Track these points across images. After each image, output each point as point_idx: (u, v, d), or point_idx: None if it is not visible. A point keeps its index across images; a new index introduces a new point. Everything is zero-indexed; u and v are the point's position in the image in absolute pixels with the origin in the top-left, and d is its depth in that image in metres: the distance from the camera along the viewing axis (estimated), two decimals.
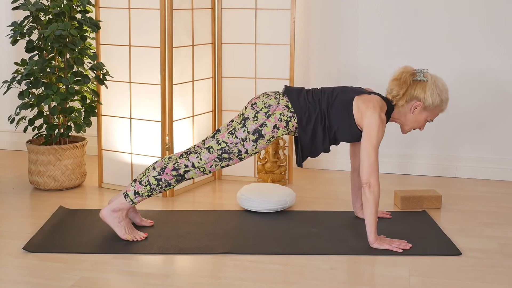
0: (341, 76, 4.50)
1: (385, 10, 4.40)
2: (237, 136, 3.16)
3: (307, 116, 3.19)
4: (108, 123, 4.09)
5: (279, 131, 3.18)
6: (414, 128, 3.30)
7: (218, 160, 3.18)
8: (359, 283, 2.82)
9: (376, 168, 3.11)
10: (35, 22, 3.97)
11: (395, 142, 4.42)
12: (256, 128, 3.16)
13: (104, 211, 3.21)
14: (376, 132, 3.11)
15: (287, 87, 3.28)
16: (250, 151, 3.18)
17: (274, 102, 3.20)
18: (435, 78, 3.22)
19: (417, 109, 3.22)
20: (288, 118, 3.18)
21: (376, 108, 3.14)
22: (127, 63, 3.98)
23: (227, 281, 2.82)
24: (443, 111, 3.29)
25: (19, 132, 4.87)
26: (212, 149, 3.17)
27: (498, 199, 3.98)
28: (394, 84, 3.22)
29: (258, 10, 4.16)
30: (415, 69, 3.24)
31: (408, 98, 3.20)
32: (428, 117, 3.26)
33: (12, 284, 2.79)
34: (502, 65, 4.30)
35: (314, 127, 3.19)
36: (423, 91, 3.18)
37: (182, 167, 3.18)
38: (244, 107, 3.27)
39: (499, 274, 2.91)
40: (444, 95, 3.22)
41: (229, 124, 3.32)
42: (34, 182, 4.03)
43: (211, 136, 3.33)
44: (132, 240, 3.20)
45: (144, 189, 3.19)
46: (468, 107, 4.37)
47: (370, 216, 3.12)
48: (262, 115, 3.17)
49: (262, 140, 3.17)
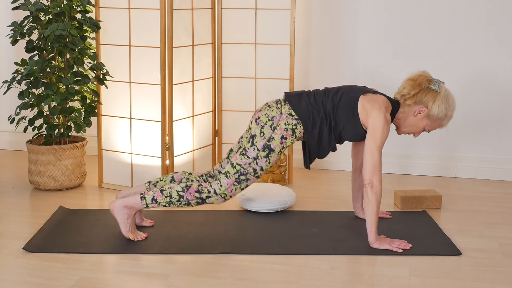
0: (341, 76, 4.50)
1: (385, 10, 4.40)
2: (249, 156, 3.17)
3: (312, 119, 3.19)
4: (108, 123, 4.09)
5: (287, 140, 3.19)
6: (410, 132, 3.31)
7: (236, 184, 3.19)
8: (359, 283, 2.82)
9: (379, 168, 3.11)
10: (35, 22, 3.97)
11: (395, 142, 4.42)
12: (265, 143, 3.17)
13: (116, 204, 3.21)
14: (380, 132, 3.11)
15: (287, 94, 3.28)
16: (264, 167, 3.20)
17: (276, 113, 3.20)
18: (448, 93, 3.24)
19: (421, 114, 3.22)
20: (294, 126, 3.19)
21: (382, 108, 3.14)
22: (127, 63, 3.98)
23: (227, 281, 2.82)
24: (442, 127, 3.31)
25: (19, 132, 4.87)
26: (229, 173, 3.19)
27: (498, 199, 3.98)
28: (409, 83, 3.23)
29: (258, 10, 4.16)
30: (432, 77, 3.26)
31: (417, 100, 3.21)
32: (427, 126, 3.27)
33: (12, 284, 2.79)
34: (503, 65, 4.30)
35: (320, 129, 3.20)
36: (433, 100, 3.19)
37: (205, 192, 3.18)
38: (250, 121, 3.28)
39: (499, 274, 2.91)
40: (450, 112, 3.24)
41: (239, 141, 3.33)
42: (34, 182, 4.04)
43: (225, 158, 3.36)
44: (133, 240, 3.21)
45: (163, 199, 3.18)
46: (468, 107, 4.37)
47: (371, 216, 3.12)
48: (267, 129, 3.18)
49: (273, 154, 3.18)
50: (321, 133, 3.21)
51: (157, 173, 3.95)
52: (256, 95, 4.23)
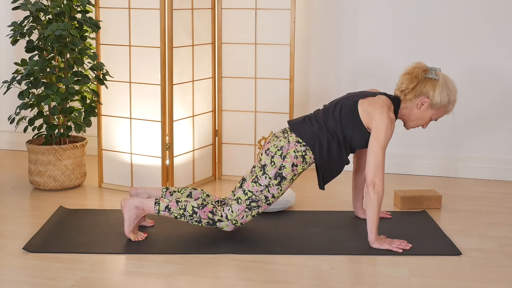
0: (341, 76, 4.50)
1: (385, 10, 4.39)
2: (261, 184, 3.18)
3: (319, 142, 3.19)
4: (108, 123, 4.09)
5: (298, 167, 3.19)
6: (417, 125, 3.29)
7: (248, 210, 3.19)
8: (359, 283, 2.82)
9: (382, 168, 3.11)
10: (35, 22, 3.97)
11: (396, 142, 4.41)
12: (276, 172, 3.18)
13: (128, 202, 3.20)
14: (384, 132, 3.11)
15: (290, 122, 3.28)
16: (276, 194, 3.20)
17: (284, 142, 3.20)
18: (447, 78, 3.22)
19: (424, 105, 3.21)
20: (303, 153, 3.19)
21: (384, 107, 3.14)
22: (127, 63, 3.98)
23: (227, 281, 2.82)
24: (448, 113, 3.28)
25: (19, 132, 4.87)
26: (240, 199, 3.19)
27: (498, 199, 3.98)
28: (406, 78, 3.22)
29: (258, 10, 4.16)
30: (428, 66, 3.24)
31: (417, 93, 3.19)
32: (433, 116, 3.25)
33: (12, 284, 2.79)
34: (503, 65, 4.30)
35: (329, 148, 3.19)
36: (432, 89, 3.18)
37: (218, 215, 3.19)
38: (260, 153, 3.29)
39: (499, 274, 2.91)
40: (453, 97, 3.22)
41: (252, 171, 3.34)
42: (34, 182, 4.03)
43: (238, 186, 3.37)
44: (133, 240, 3.21)
45: (177, 210, 3.18)
46: (468, 107, 4.37)
47: (372, 216, 3.12)
48: (277, 159, 3.18)
49: (285, 182, 3.19)
50: (330, 152, 3.20)
51: (157, 173, 3.96)
52: (256, 95, 4.23)
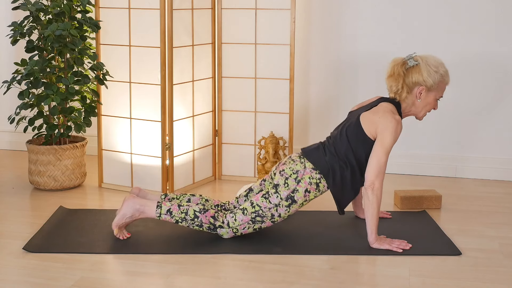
0: (341, 76, 4.50)
1: (385, 10, 4.39)
2: (271, 202, 3.18)
3: (332, 171, 3.19)
4: (108, 123, 4.09)
5: (310, 194, 3.20)
6: (428, 111, 3.28)
7: (251, 223, 3.20)
8: (359, 283, 2.82)
9: (383, 171, 3.11)
10: (35, 22, 3.97)
11: (395, 142, 4.41)
12: (288, 194, 3.18)
13: (131, 200, 3.20)
14: (389, 135, 3.10)
15: (305, 150, 3.27)
16: (283, 215, 3.21)
17: (301, 167, 3.20)
18: (426, 58, 3.21)
19: (422, 93, 3.20)
20: (318, 180, 3.19)
21: (386, 112, 3.14)
22: (127, 63, 3.98)
23: (227, 281, 2.82)
24: (448, 84, 3.26)
25: (19, 132, 4.87)
26: (246, 211, 3.19)
27: (498, 199, 3.98)
28: (391, 80, 3.22)
29: (258, 10, 4.16)
30: (403, 57, 3.24)
31: (409, 87, 3.19)
32: (436, 96, 3.24)
33: (12, 284, 2.79)
34: (504, 65, 4.30)
35: (342, 176, 3.19)
36: (420, 75, 3.17)
37: (219, 221, 3.19)
38: (273, 173, 3.29)
39: (499, 274, 2.91)
40: (442, 69, 3.20)
41: (261, 184, 3.35)
42: (34, 182, 4.03)
43: (244, 195, 3.37)
44: (115, 234, 3.22)
45: (179, 214, 3.19)
46: (469, 107, 4.37)
47: (371, 218, 3.12)
48: (292, 181, 3.18)
49: (295, 205, 3.19)
50: (344, 180, 3.20)
51: (157, 173, 3.95)
52: (256, 95, 4.23)
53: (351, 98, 4.48)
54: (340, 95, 4.53)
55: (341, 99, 4.52)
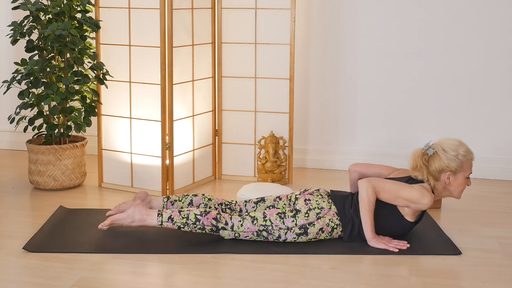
0: (341, 76, 4.50)
1: (385, 10, 4.39)
2: (284, 223, 3.18)
3: (352, 224, 3.20)
4: (108, 122, 4.09)
5: (322, 234, 3.21)
6: (462, 190, 3.26)
7: (255, 234, 3.20)
8: (359, 283, 2.82)
9: (380, 186, 3.14)
10: (35, 22, 3.97)
11: (395, 142, 4.42)
12: (304, 224, 3.18)
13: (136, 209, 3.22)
14: (415, 194, 3.11)
15: (334, 195, 3.28)
16: (289, 239, 3.21)
17: (326, 206, 3.22)
18: (441, 143, 3.21)
19: (451, 178, 3.20)
20: (335, 225, 3.21)
21: (423, 190, 3.13)
22: (127, 63, 3.98)
23: (227, 281, 2.82)
24: (473, 160, 3.25)
25: (19, 132, 4.87)
26: (256, 221, 3.19)
27: (498, 199, 3.98)
28: (415, 172, 3.23)
29: (258, 10, 4.16)
30: (422, 148, 3.24)
31: (434, 176, 3.19)
32: (465, 175, 3.22)
33: (12, 284, 2.79)
34: (503, 66, 4.30)
35: (359, 232, 3.21)
36: (442, 162, 3.17)
37: (222, 222, 3.19)
38: (295, 197, 3.31)
39: (499, 274, 2.91)
40: (460, 151, 3.19)
41: (276, 199, 3.36)
42: (34, 181, 4.03)
43: (255, 202, 3.37)
44: (99, 226, 3.27)
45: (180, 220, 3.18)
46: (468, 107, 4.37)
47: (365, 214, 3.14)
48: (313, 214, 3.19)
49: (304, 237, 3.20)
50: (360, 235, 3.21)
51: (157, 172, 3.95)
52: (256, 95, 4.23)
53: (351, 98, 4.48)
54: (340, 95, 4.53)
55: (341, 99, 4.52)
